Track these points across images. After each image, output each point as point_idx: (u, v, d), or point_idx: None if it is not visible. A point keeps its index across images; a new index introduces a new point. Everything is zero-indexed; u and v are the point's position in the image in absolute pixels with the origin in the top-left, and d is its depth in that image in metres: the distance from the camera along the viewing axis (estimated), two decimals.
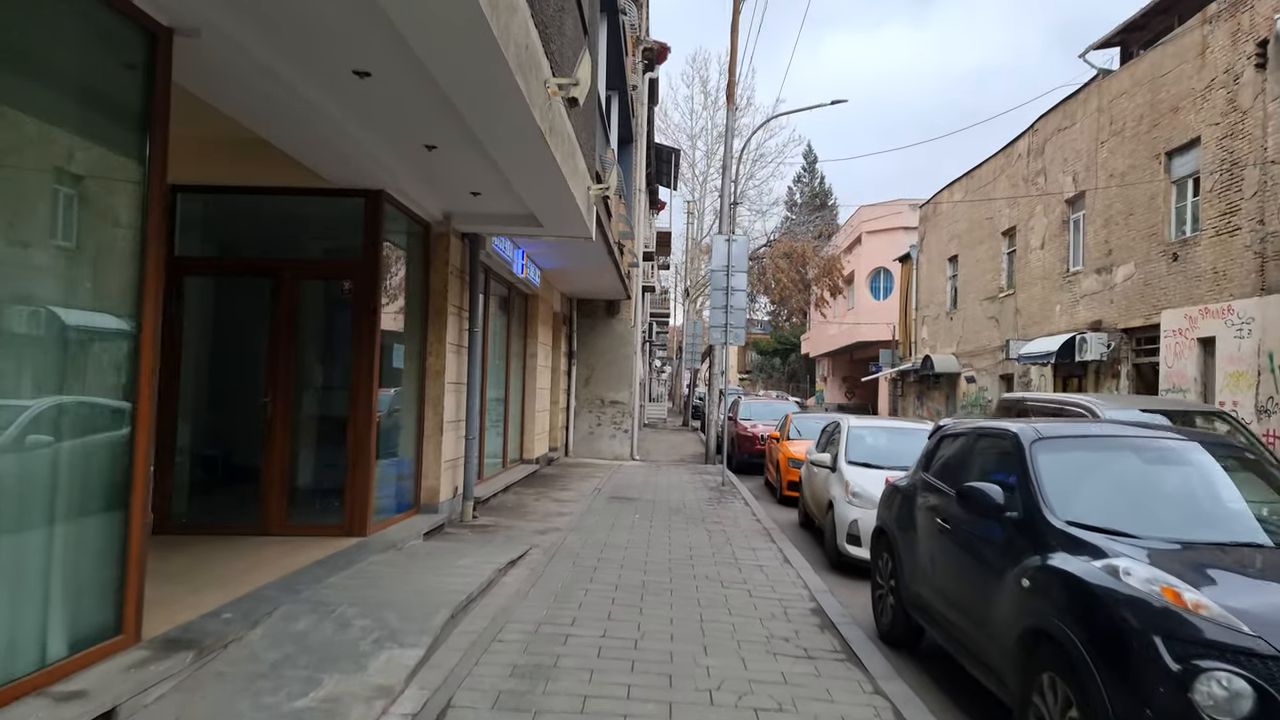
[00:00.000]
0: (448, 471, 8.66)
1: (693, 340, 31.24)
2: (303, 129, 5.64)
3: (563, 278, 14.99)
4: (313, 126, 5.56)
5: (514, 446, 13.77)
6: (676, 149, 32.72)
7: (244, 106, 5.20)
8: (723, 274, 13.80)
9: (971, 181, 26.72)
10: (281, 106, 5.13)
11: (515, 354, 13.66)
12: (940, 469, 5.39)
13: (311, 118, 5.38)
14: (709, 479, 14.51)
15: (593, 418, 18.43)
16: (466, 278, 9.02)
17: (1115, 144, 18.08)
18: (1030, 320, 22.04)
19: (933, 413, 29.95)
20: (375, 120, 5.57)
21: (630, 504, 10.96)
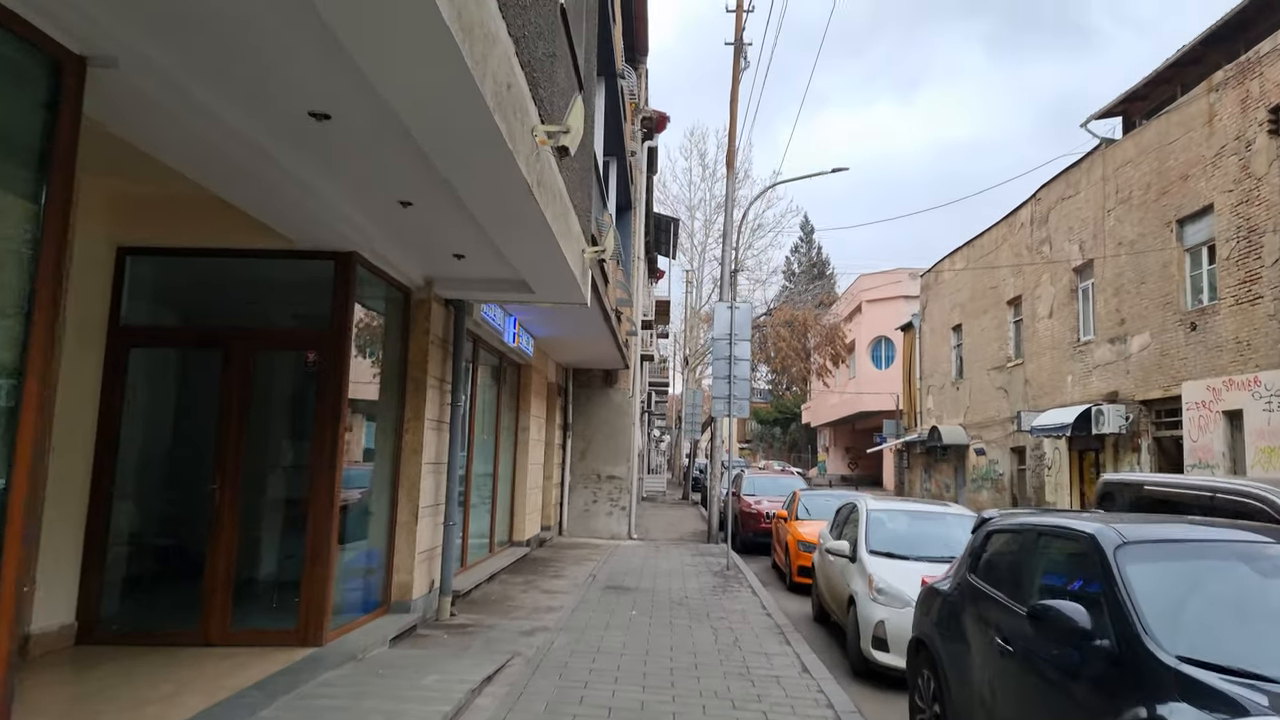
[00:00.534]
0: (423, 564, 7.78)
1: (692, 410, 30.45)
2: (258, 183, 5.00)
3: (558, 346, 14.31)
4: (269, 179, 4.92)
5: (503, 528, 12.85)
6: (675, 218, 32.60)
7: (186, 155, 4.57)
8: (725, 343, 13.13)
9: (973, 250, 26.40)
10: (228, 155, 4.50)
11: (506, 428, 12.87)
12: (990, 572, 4.56)
13: (266, 169, 4.74)
14: (712, 561, 13.53)
15: (588, 494, 17.50)
16: (450, 348, 8.32)
17: (1123, 212, 17.70)
18: (1041, 391, 21.33)
19: (941, 486, 28.97)
20: (340, 172, 4.94)
21: (627, 595, 10.01)
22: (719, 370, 13.18)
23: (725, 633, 8.03)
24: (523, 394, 13.43)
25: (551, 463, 16.31)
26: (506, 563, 11.55)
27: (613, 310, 12.00)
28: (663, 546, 15.92)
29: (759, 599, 10.18)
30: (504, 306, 9.94)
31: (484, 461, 11.59)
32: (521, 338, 11.85)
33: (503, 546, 12.70)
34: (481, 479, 11.49)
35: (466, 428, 10.24)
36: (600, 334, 12.47)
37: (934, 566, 7.36)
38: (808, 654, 7.35)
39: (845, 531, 8.80)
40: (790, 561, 11.94)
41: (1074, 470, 19.67)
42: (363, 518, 7.28)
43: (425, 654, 6.56)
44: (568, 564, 12.57)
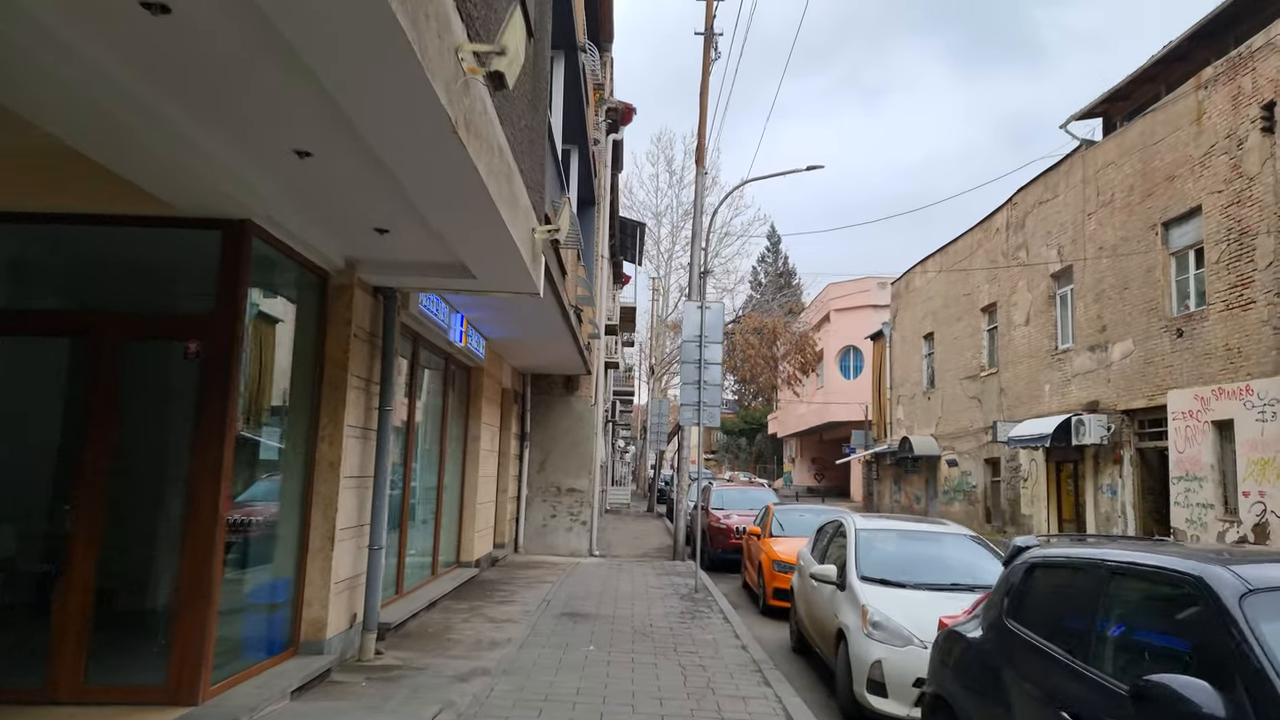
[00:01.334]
0: (341, 595, 6.61)
1: (658, 420, 29.44)
2: (106, 123, 3.88)
3: (513, 349, 13.20)
4: (116, 118, 3.80)
5: (448, 548, 11.66)
6: (641, 223, 31.70)
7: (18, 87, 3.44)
8: (695, 345, 12.13)
9: (946, 257, 25.84)
10: (63, 82, 3.38)
11: (454, 437, 11.71)
12: (1038, 617, 3.59)
13: (108, 99, 3.62)
14: (679, 582, 12.47)
15: (547, 508, 16.35)
16: (379, 343, 7.19)
17: (1104, 215, 17.12)
18: (1017, 400, 20.69)
19: (911, 498, 28.29)
20: (204, 104, 3.83)
21: (585, 624, 8.91)
22: (688, 375, 12.17)
23: (695, 671, 6.97)
24: (473, 400, 12.28)
25: (507, 475, 15.15)
26: (451, 587, 10.38)
27: (572, 308, 10.94)
28: (626, 565, 14.83)
29: (731, 626, 9.15)
30: (447, 299, 8.83)
31: (427, 474, 10.42)
32: (471, 337, 10.73)
33: (448, 568, 11.51)
34: (424, 494, 10.32)
35: (405, 437, 9.09)
36: (559, 335, 11.40)
37: (936, 596, 6.41)
38: (791, 697, 6.33)
39: (830, 553, 7.82)
40: (764, 583, 10.94)
41: (1052, 482, 19.02)
42: (265, 543, 6.11)
43: (333, 709, 5.40)
44: (521, 586, 11.42)
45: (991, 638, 3.83)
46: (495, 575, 12.50)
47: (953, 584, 6.67)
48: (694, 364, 12.12)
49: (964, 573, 6.93)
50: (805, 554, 8.75)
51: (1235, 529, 12.97)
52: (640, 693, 6.25)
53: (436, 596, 9.59)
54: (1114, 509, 16.30)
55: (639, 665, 7.10)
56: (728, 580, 14.01)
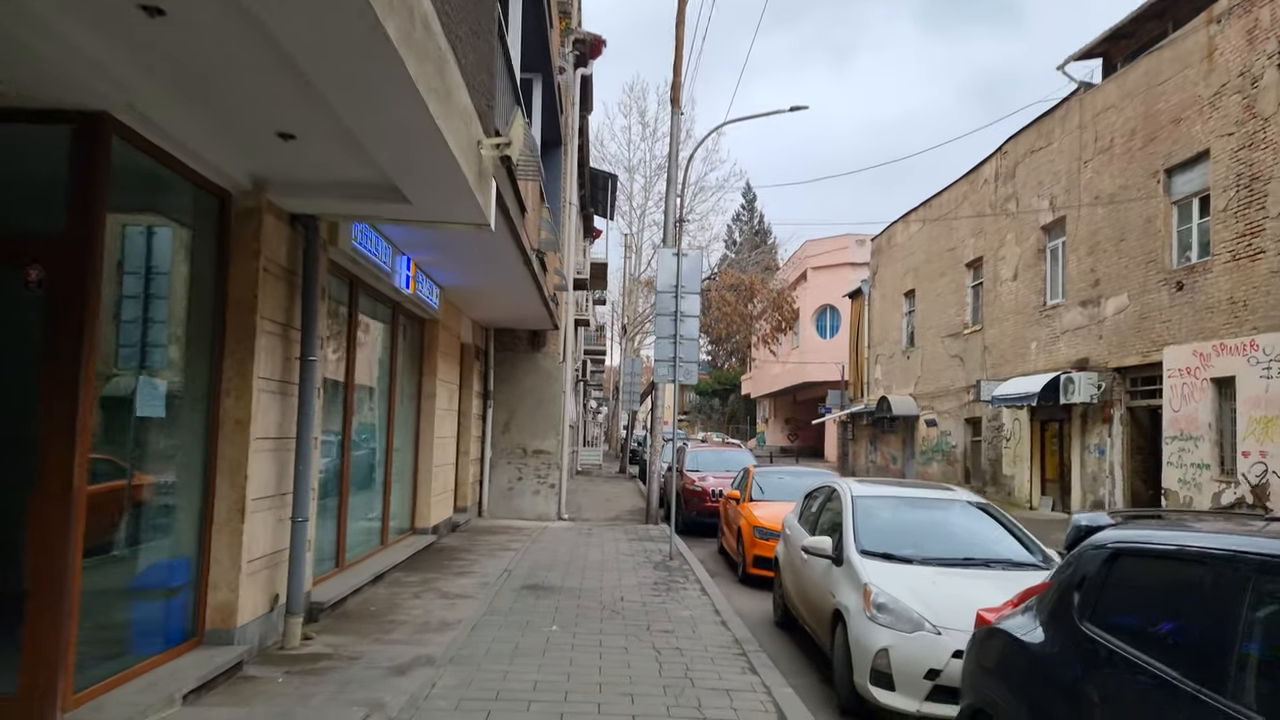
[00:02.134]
0: (257, 575, 5.64)
1: (630, 380, 28.52)
2: None
3: (472, 300, 12.13)
4: None
5: (401, 514, 10.70)
6: (613, 174, 30.39)
7: None
8: (671, 296, 11.14)
9: (929, 210, 24.99)
10: None
11: (405, 395, 10.68)
12: (1134, 624, 2.72)
13: None
14: (652, 549, 11.66)
15: (513, 470, 15.43)
16: (298, 283, 6.11)
17: (1102, 163, 16.28)
18: (1001, 359, 20.04)
19: (887, 458, 27.82)
20: None
21: (549, 598, 8.03)
22: (663, 328, 11.20)
23: (671, 656, 6.13)
24: (427, 355, 11.23)
25: (468, 436, 14.17)
26: (403, 556, 9.44)
27: (534, 252, 9.87)
28: (596, 529, 14.00)
29: (709, 599, 8.33)
30: (387, 237, 7.74)
31: (373, 435, 9.41)
32: (421, 284, 9.66)
33: (401, 536, 10.57)
34: (369, 457, 9.32)
35: (344, 394, 8.06)
36: (521, 284, 10.35)
37: (948, 574, 5.59)
38: (781, 687, 5.50)
39: (822, 522, 6.97)
40: (744, 550, 10.14)
41: (1036, 442, 18.47)
42: (158, 517, 5.09)
43: (234, 716, 4.46)
44: (481, 555, 10.52)
45: (1059, 644, 2.96)
46: (455, 542, 11.58)
47: (965, 559, 5.86)
48: (670, 316, 11.15)
49: (975, 546, 6.12)
50: (792, 522, 7.91)
51: (1233, 490, 12.41)
52: (609, 685, 5.38)
53: (384, 568, 8.65)
54: (1101, 469, 15.75)
55: (608, 650, 6.23)
56: (703, 545, 13.24)
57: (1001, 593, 5.23)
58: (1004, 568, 5.75)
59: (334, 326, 7.90)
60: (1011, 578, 5.60)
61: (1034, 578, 5.63)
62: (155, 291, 4.92)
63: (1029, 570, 5.74)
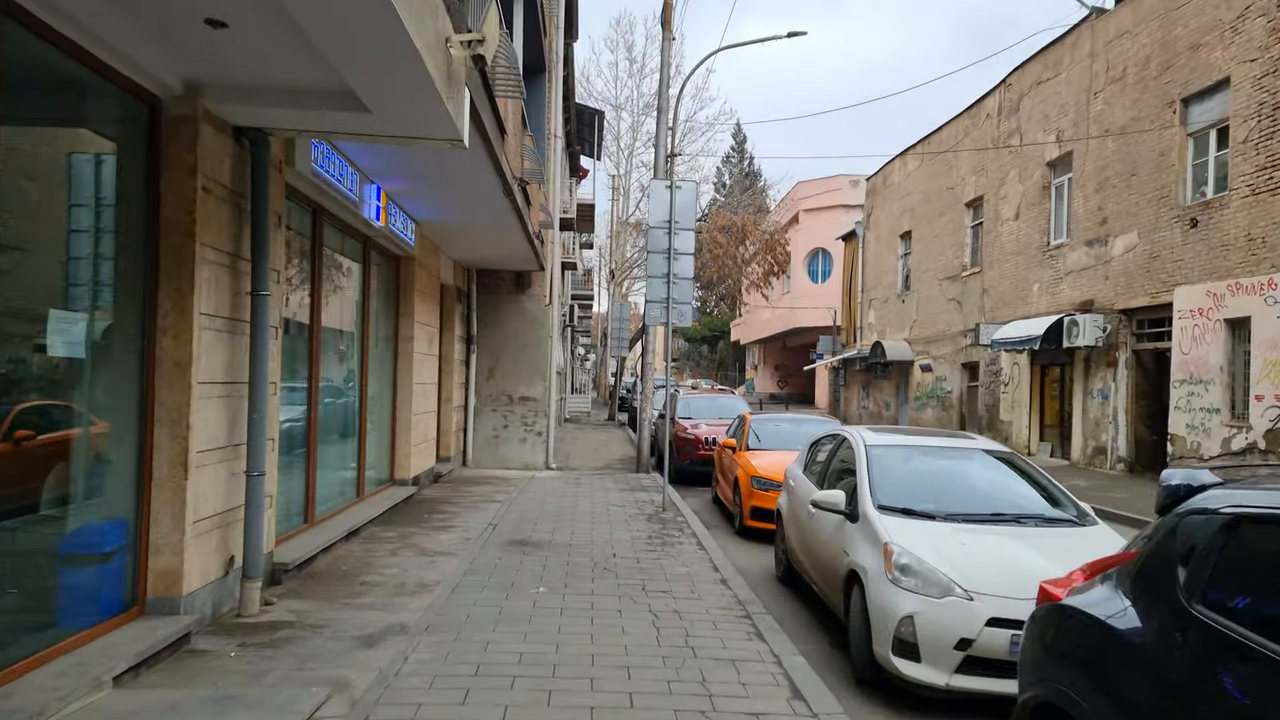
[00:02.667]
0: (207, 536, 5.03)
1: (619, 325, 27.89)
2: None
3: (452, 238, 11.36)
4: None
5: (379, 464, 10.11)
6: (599, 110, 29.25)
7: None
8: (663, 232, 10.42)
9: (928, 148, 24.13)
10: None
11: (380, 338, 10.00)
12: (1266, 607, 2.16)
13: None
14: (644, 499, 11.17)
15: (498, 418, 14.85)
16: (247, 206, 5.37)
17: (1113, 93, 15.48)
18: (1001, 301, 19.49)
19: (880, 404, 27.47)
20: None
21: (536, 555, 7.51)
22: (655, 267, 10.50)
23: (670, 621, 5.62)
24: (404, 295, 10.50)
25: (450, 382, 13.53)
26: (380, 510, 8.87)
27: (516, 181, 9.09)
28: (585, 479, 13.50)
29: (707, 554, 7.84)
30: (351, 161, 6.96)
31: (344, 381, 8.76)
32: (394, 217, 8.90)
33: (380, 487, 9.99)
34: (342, 404, 8.68)
35: (309, 335, 7.38)
36: (502, 217, 9.59)
37: (976, 531, 5.06)
38: (791, 655, 5.00)
39: (831, 473, 6.42)
40: (741, 501, 9.64)
41: (1035, 387, 18.04)
42: (88, 472, 4.45)
43: (168, 703, 3.89)
44: (464, 507, 9.98)
45: (1162, 630, 2.40)
46: (437, 494, 11.04)
47: (992, 514, 5.32)
48: (662, 254, 10.44)
49: (1002, 500, 5.59)
50: (796, 473, 7.36)
51: (1244, 434, 12.01)
52: (602, 657, 4.86)
53: (359, 523, 8.08)
54: (1104, 414, 15.34)
55: (600, 614, 5.71)
56: (696, 494, 12.78)
57: (1038, 553, 4.73)
58: (1036, 524, 5.23)
59: (297, 262, 7.17)
60: (1046, 535, 5.09)
61: (1071, 535, 5.13)
62: (75, 214, 4.19)
63: (1064, 526, 5.23)
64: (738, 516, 9.78)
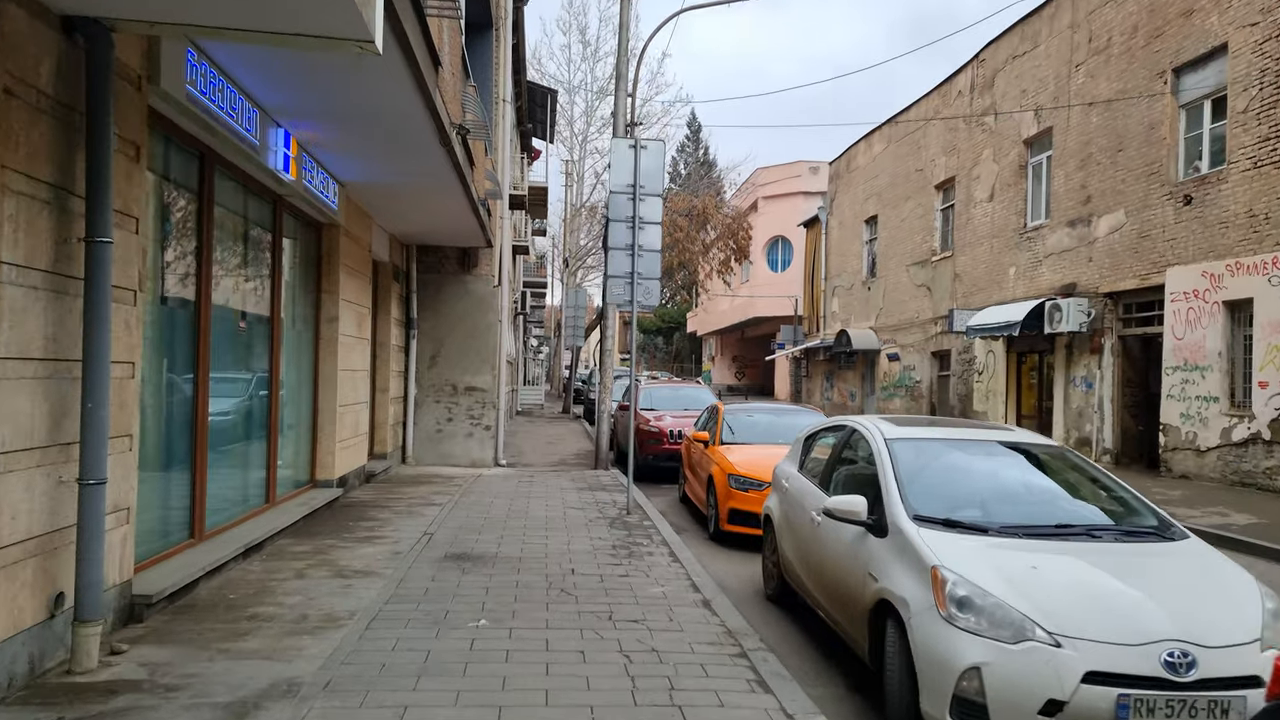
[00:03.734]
0: (16, 569, 3.65)
1: (574, 313, 26.56)
2: None
3: (384, 203, 9.96)
4: None
5: (297, 464, 8.69)
6: (553, 90, 27.90)
7: None
8: (626, 198, 9.17)
9: (895, 129, 23.30)
10: None
11: (299, 318, 8.58)
12: None
13: None
14: (605, 500, 9.95)
15: (441, 410, 13.47)
16: (78, 123, 3.98)
17: (1097, 65, 14.69)
18: (975, 287, 18.70)
19: (845, 395, 26.68)
20: None
21: (478, 572, 6.23)
22: (618, 237, 9.25)
23: (648, 667, 4.40)
24: (327, 269, 9.08)
25: (387, 370, 12.12)
26: (294, 518, 7.49)
27: (454, 127, 7.75)
28: (539, 476, 12.23)
29: (683, 567, 6.66)
30: (242, 86, 5.56)
31: (246, 366, 7.34)
32: (310, 172, 7.50)
33: (297, 490, 8.58)
34: (241, 394, 7.26)
35: (196, 308, 5.97)
36: (440, 173, 8.26)
37: (1048, 549, 3.96)
38: (810, 716, 3.83)
39: (839, 475, 5.27)
40: (717, 503, 8.47)
41: (1011, 376, 17.28)
42: None
43: None
44: (398, 512, 8.63)
45: None
46: (368, 496, 9.65)
47: (1057, 526, 4.22)
48: (625, 223, 9.20)
49: (1064, 506, 4.52)
50: (789, 472, 6.21)
51: (1246, 424, 11.28)
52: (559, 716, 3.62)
53: (265, 535, 6.70)
54: (1088, 404, 14.60)
55: (558, 658, 4.47)
56: (662, 493, 11.62)
57: (1130, 579, 3.62)
58: (1115, 538, 4.14)
59: (178, 220, 5.77)
60: (1132, 553, 4.01)
61: (1162, 554, 4.04)
62: None
63: (1148, 541, 4.15)
64: (713, 520, 8.62)
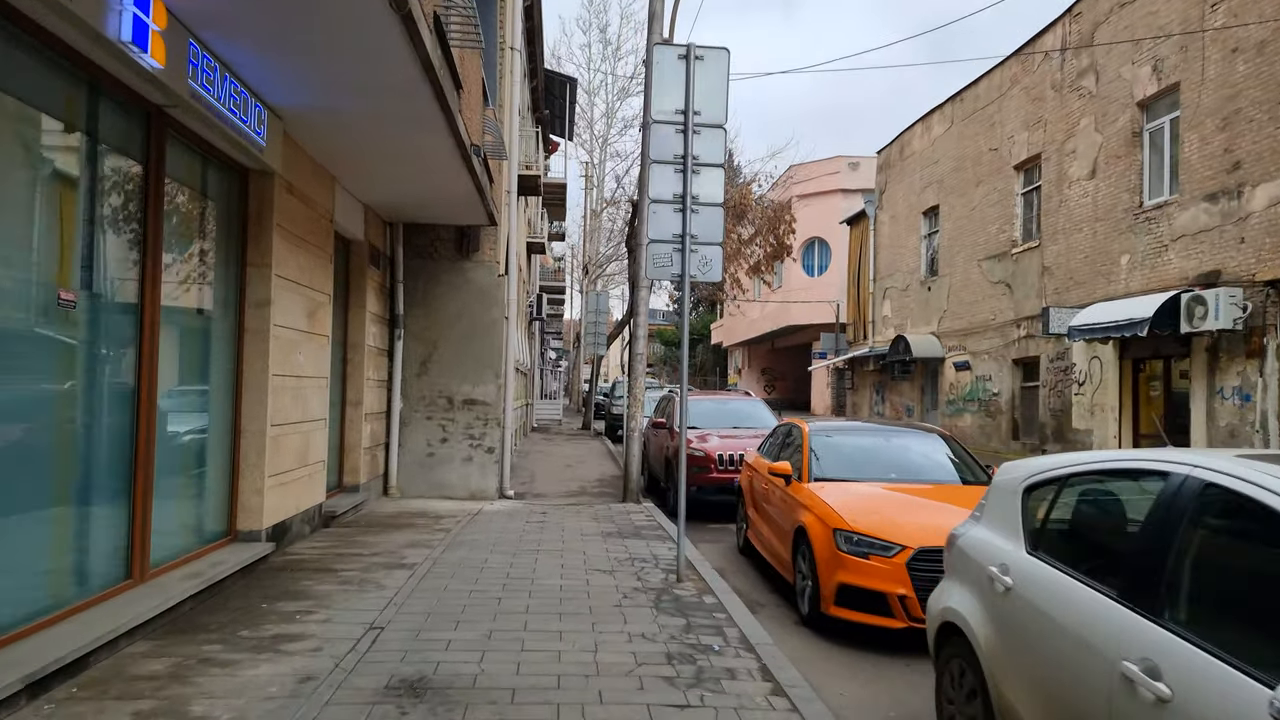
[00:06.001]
0: None
1: (595, 318, 23.91)
2: None
3: (346, 155, 7.34)
4: None
5: (203, 513, 6.00)
6: (572, 78, 25.39)
7: None
8: (675, 129, 6.45)
9: (959, 107, 20.48)
10: None
11: (204, 299, 5.95)
12: None
13: None
14: (641, 553, 7.20)
15: (433, 428, 10.80)
16: None
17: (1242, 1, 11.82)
18: (1071, 281, 15.79)
19: (899, 410, 23.73)
20: None
21: None
22: (661, 184, 6.51)
23: None
24: (254, 231, 6.44)
25: (360, 378, 9.48)
26: (170, 602, 4.80)
27: (430, 27, 5.09)
28: (554, 513, 9.51)
29: (797, 714, 3.88)
30: None
31: (63, 370, 4.68)
32: (209, 76, 4.90)
33: (202, 549, 5.89)
34: (65, 415, 4.60)
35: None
36: (412, 95, 5.62)
37: None
38: None
39: (1122, 545, 2.48)
40: (817, 571, 5.64)
41: (1126, 387, 14.33)
42: None
43: None
44: (346, 581, 5.93)
45: None
46: (315, 550, 6.97)
47: None
48: (672, 164, 6.48)
49: None
50: (987, 541, 3.43)
51: None
52: None
53: (95, 643, 4.01)
54: (1242, 421, 11.63)
55: None
56: (709, 535, 8.90)
57: None
58: None
59: None
60: None
61: None
62: None
63: None
64: (807, 594, 5.81)
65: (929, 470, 6.60)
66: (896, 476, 6.42)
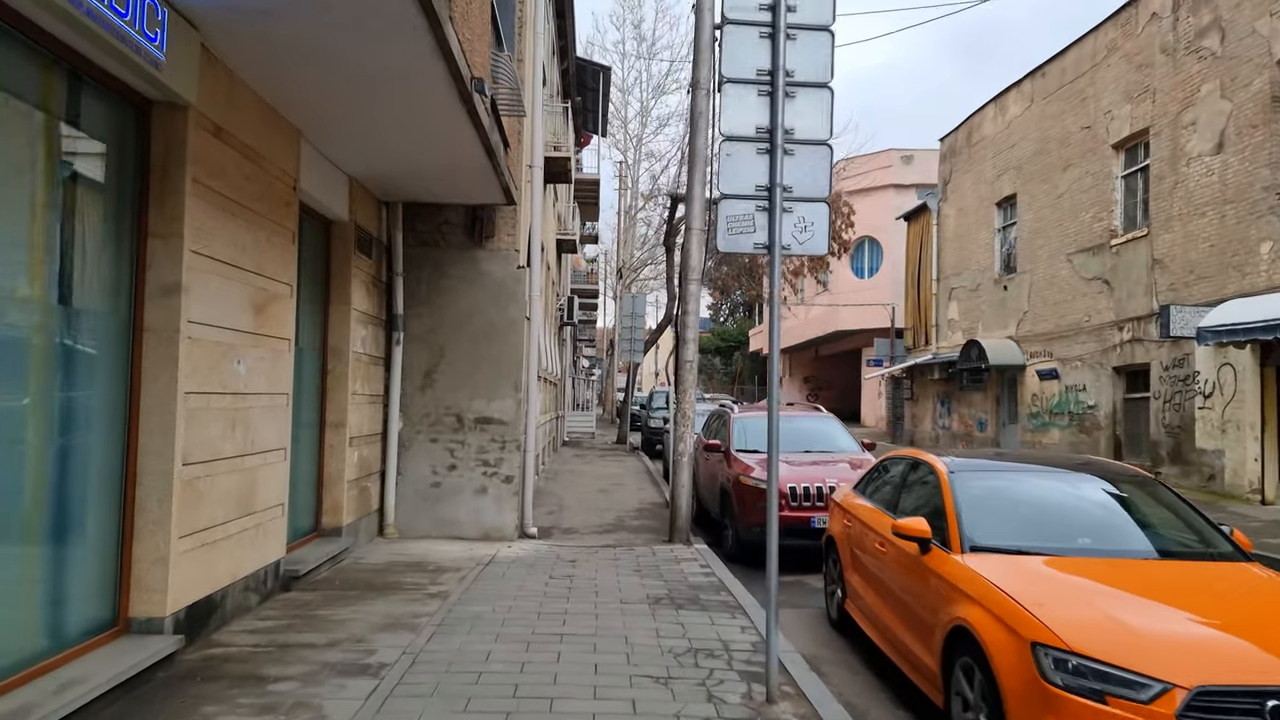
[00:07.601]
0: None
1: (631, 322, 21.91)
2: None
3: (300, 85, 5.46)
4: None
5: (56, 599, 4.07)
6: (606, 66, 23.50)
7: None
8: (758, 34, 4.43)
9: (1041, 83, 18.19)
10: None
11: (69, 285, 4.05)
12: None
13: None
14: (704, 636, 5.16)
15: (440, 453, 8.86)
16: None
17: None
18: (1192, 274, 13.42)
19: (969, 423, 21.36)
20: None
21: None
22: (738, 118, 4.46)
23: None
24: (157, 189, 4.53)
25: (344, 394, 7.58)
26: None
27: None
28: (585, 562, 7.50)
29: None
30: None
31: None
32: None
33: (75, 649, 3.97)
34: None
35: None
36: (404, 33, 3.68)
37: None
38: None
39: None
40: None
41: (1270, 400, 11.95)
42: None
43: None
44: (267, 706, 3.97)
45: None
46: (246, 639, 5.02)
47: None
48: (754, 85, 4.45)
49: None
50: None
51: None
52: None
53: None
54: None
55: None
56: (781, 589, 6.78)
57: None
58: None
59: None
60: None
61: None
62: None
63: None
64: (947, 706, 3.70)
65: (1137, 535, 4.46)
66: (1091, 544, 4.30)
